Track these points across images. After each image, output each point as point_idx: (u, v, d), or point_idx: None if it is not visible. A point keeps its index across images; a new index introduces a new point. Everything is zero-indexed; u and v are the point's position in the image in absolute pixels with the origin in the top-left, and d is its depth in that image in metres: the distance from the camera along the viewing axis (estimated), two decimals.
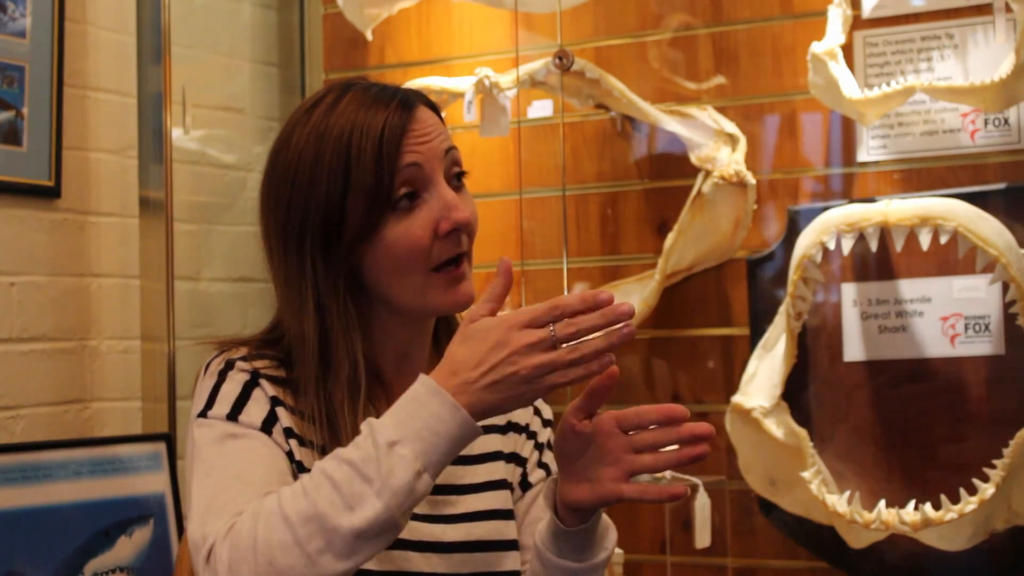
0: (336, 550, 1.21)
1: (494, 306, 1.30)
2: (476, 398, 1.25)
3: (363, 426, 1.27)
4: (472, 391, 1.25)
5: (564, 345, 1.25)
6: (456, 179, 1.46)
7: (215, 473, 1.34)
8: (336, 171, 1.39)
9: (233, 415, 1.38)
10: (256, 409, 1.39)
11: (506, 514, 1.51)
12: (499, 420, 1.55)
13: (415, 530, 1.42)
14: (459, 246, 1.43)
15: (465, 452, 1.49)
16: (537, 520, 1.51)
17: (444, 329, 1.55)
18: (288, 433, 1.40)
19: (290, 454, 1.39)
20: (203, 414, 1.40)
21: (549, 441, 1.59)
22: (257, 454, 1.36)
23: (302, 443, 1.40)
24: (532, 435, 1.58)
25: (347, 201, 1.39)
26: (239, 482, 1.32)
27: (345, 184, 1.39)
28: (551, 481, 1.43)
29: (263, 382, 1.41)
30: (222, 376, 1.42)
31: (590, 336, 1.26)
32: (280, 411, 1.40)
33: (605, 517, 1.45)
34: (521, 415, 1.58)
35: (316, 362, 1.40)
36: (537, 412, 1.60)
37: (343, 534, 1.21)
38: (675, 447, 1.35)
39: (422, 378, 1.27)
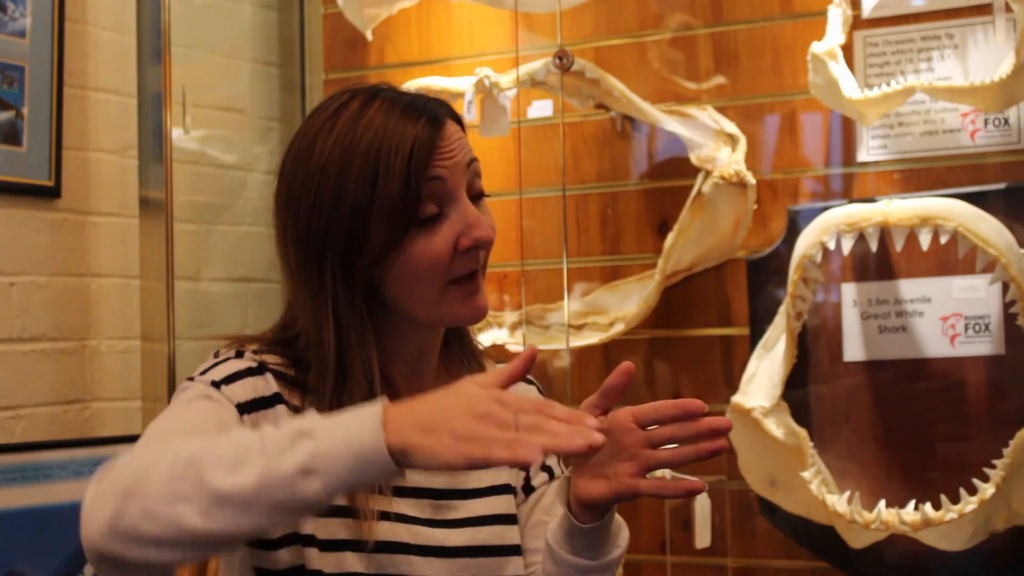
0: (197, 503, 1.15)
1: (502, 383, 1.20)
2: (406, 429, 1.14)
3: (307, 412, 1.22)
4: (408, 422, 1.14)
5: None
6: (477, 192, 1.46)
7: (170, 420, 1.33)
8: (363, 187, 1.38)
9: (217, 384, 1.37)
10: (242, 390, 1.38)
11: (509, 519, 1.51)
12: None
13: (418, 534, 1.42)
14: (476, 261, 1.43)
15: None
16: (540, 523, 1.51)
17: (454, 335, 1.55)
18: None
19: None
20: (191, 378, 1.40)
21: None
22: (221, 418, 1.34)
23: None
24: None
25: (372, 217, 1.38)
26: (192, 432, 1.28)
27: (371, 201, 1.38)
28: (564, 479, 1.42)
29: (268, 375, 1.40)
30: (227, 359, 1.42)
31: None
32: (276, 408, 1.39)
33: (618, 517, 1.44)
34: None
35: (334, 373, 1.40)
36: None
37: (209, 489, 1.14)
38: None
39: (381, 401, 1.19)
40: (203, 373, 1.40)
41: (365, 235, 1.39)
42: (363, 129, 1.40)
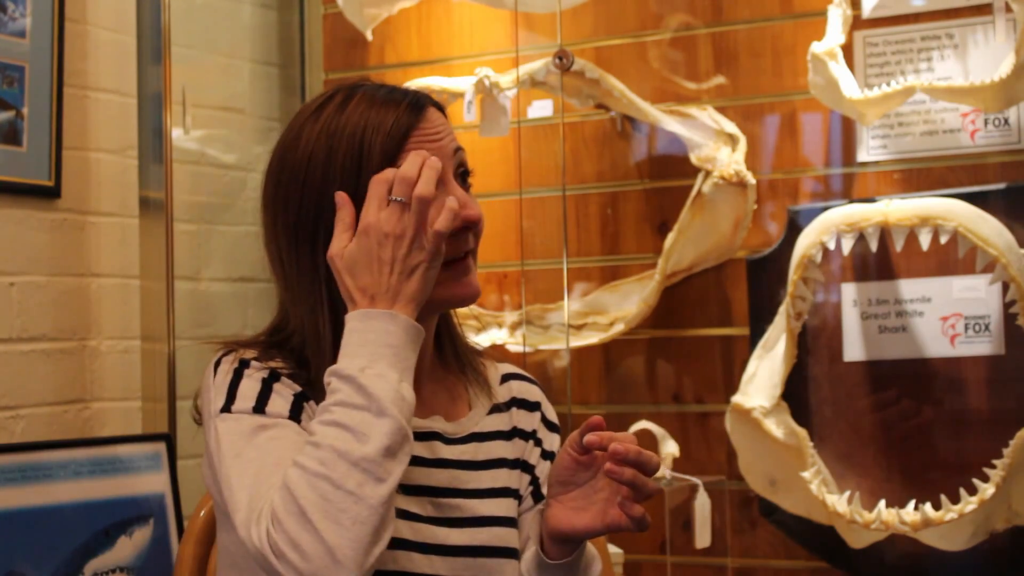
0: (373, 476, 1.25)
1: (350, 233, 1.36)
2: (402, 298, 1.33)
3: (324, 379, 1.32)
4: (392, 294, 1.33)
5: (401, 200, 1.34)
6: (462, 179, 1.46)
7: (252, 464, 1.32)
8: (348, 169, 1.39)
9: (259, 408, 1.37)
10: (280, 401, 1.38)
11: (509, 521, 1.51)
12: (504, 427, 1.55)
13: (419, 531, 1.42)
14: (466, 244, 1.43)
15: (470, 457, 1.49)
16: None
17: (446, 333, 1.55)
18: None
19: None
20: (227, 409, 1.38)
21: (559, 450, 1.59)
22: (291, 441, 1.34)
23: None
24: (539, 442, 1.58)
25: (359, 197, 1.39)
26: (279, 469, 1.30)
27: (357, 182, 1.39)
28: (536, 512, 1.43)
29: (284, 379, 1.40)
30: (238, 374, 1.40)
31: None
32: (307, 406, 1.39)
33: (590, 548, 1.45)
34: (527, 421, 1.58)
35: (332, 358, 1.39)
36: (543, 418, 1.60)
37: (371, 459, 1.25)
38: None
39: (350, 315, 1.34)
40: (231, 400, 1.38)
41: (354, 215, 1.39)
42: (347, 116, 1.42)
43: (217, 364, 1.43)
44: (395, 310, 1.32)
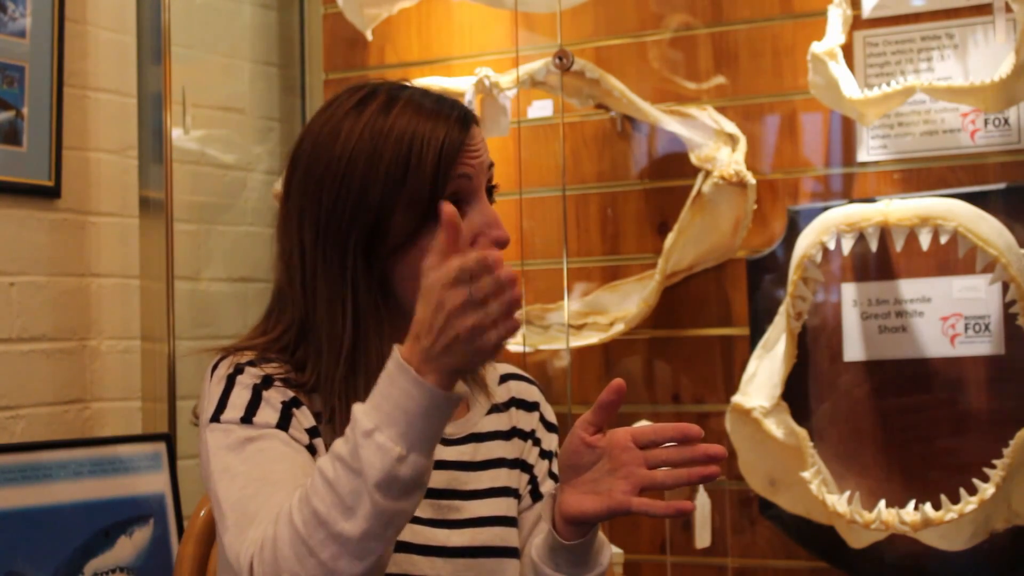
0: (349, 553, 1.20)
1: (438, 259, 1.21)
2: (438, 364, 1.20)
3: (352, 413, 1.25)
4: (432, 358, 1.20)
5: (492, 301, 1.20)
6: (489, 192, 1.46)
7: (239, 479, 1.32)
8: (394, 175, 1.38)
9: (247, 418, 1.36)
10: (269, 411, 1.37)
11: (509, 521, 1.51)
12: (503, 427, 1.55)
13: (419, 534, 1.42)
14: None
15: (469, 458, 1.49)
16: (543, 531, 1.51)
17: None
18: (313, 432, 1.39)
19: (310, 447, 1.37)
20: (216, 419, 1.37)
21: (556, 450, 1.59)
22: (278, 452, 1.34)
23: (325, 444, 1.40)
24: (537, 442, 1.58)
25: (398, 205, 1.38)
26: (265, 484, 1.30)
27: (400, 188, 1.38)
28: (549, 495, 1.43)
29: (276, 385, 1.39)
30: (231, 381, 1.40)
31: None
32: (297, 412, 1.38)
33: (601, 535, 1.45)
34: (525, 421, 1.58)
35: (346, 362, 1.39)
36: (542, 418, 1.60)
37: (349, 538, 1.20)
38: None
39: (394, 349, 1.23)
40: (221, 410, 1.38)
41: (389, 222, 1.38)
42: (394, 118, 1.40)
43: (214, 368, 1.43)
44: (429, 375, 1.20)
